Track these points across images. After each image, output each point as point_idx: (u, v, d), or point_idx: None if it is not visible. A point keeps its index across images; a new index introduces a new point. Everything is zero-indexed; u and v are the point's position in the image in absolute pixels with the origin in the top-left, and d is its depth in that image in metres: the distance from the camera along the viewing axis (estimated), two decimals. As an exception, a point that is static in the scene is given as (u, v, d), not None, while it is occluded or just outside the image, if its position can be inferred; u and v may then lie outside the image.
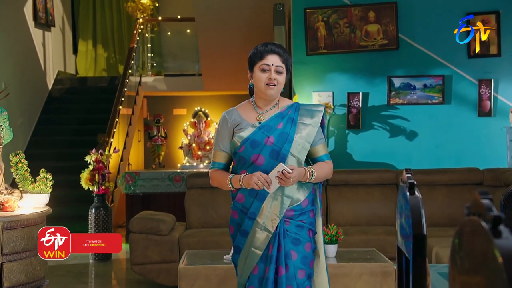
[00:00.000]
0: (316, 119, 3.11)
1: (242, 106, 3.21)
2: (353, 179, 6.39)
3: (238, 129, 3.12)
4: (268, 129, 3.08)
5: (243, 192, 3.09)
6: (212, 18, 9.73)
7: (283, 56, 3.10)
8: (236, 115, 3.16)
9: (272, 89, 3.08)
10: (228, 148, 3.16)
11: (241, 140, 3.09)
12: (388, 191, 6.32)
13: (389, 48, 7.45)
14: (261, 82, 3.08)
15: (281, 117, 3.11)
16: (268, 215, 3.03)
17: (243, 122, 3.13)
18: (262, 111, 3.15)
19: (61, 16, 12.42)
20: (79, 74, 13.01)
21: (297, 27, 7.67)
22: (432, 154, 7.52)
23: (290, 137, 3.05)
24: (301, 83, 7.62)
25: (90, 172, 7.03)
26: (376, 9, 7.48)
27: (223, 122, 3.17)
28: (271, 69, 3.06)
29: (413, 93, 7.45)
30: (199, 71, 11.85)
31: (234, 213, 3.16)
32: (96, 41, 13.25)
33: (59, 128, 10.89)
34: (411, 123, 7.54)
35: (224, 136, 3.15)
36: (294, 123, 3.09)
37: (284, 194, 3.03)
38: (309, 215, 3.11)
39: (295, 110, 3.13)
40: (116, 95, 9.82)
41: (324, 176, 3.11)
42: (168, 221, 5.96)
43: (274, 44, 3.14)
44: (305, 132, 3.08)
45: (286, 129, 3.07)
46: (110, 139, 8.96)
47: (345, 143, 7.61)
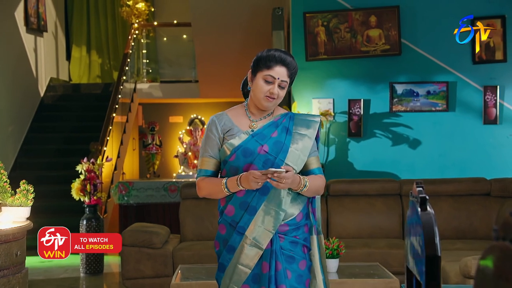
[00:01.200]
0: (312, 130, 3.00)
1: (233, 111, 3.06)
2: (355, 189, 6.32)
3: (228, 135, 2.97)
4: (262, 137, 2.95)
5: (233, 204, 2.93)
6: (209, 23, 9.70)
7: (291, 70, 2.96)
8: (227, 120, 3.01)
9: (271, 102, 2.95)
10: (217, 155, 3.00)
11: (232, 148, 2.94)
12: (391, 201, 6.24)
13: (391, 53, 7.43)
14: (261, 93, 2.94)
15: (275, 125, 2.99)
16: (260, 230, 2.88)
17: (234, 128, 2.98)
18: (256, 119, 3.02)
19: (53, 21, 12.40)
20: (72, 81, 13.00)
21: (296, 32, 7.64)
22: (436, 163, 7.48)
23: (286, 146, 2.93)
24: (300, 89, 7.58)
25: (81, 182, 6.91)
26: (378, 13, 7.46)
27: (212, 126, 3.01)
28: (275, 83, 2.92)
29: (416, 100, 7.43)
30: (196, 78, 11.84)
31: (221, 228, 3.00)
32: (90, 47, 13.24)
33: (51, 136, 10.83)
34: (414, 131, 7.50)
35: (213, 142, 2.99)
36: (289, 132, 2.96)
37: (278, 207, 2.90)
38: (304, 230, 2.97)
39: (290, 120, 3.01)
40: (109, 102, 9.76)
41: (315, 190, 2.96)
42: (161, 234, 5.85)
43: (285, 53, 2.97)
44: (302, 144, 2.96)
45: (281, 138, 2.95)
46: (103, 147, 8.87)
47: (346, 151, 7.56)
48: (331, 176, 7.28)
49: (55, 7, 12.46)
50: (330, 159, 7.54)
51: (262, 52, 2.97)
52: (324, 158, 7.51)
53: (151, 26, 12.63)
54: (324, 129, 7.47)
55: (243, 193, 2.91)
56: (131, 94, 11.37)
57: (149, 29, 12.62)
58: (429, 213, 1.67)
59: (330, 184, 6.36)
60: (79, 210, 7.75)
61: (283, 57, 2.92)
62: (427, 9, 7.52)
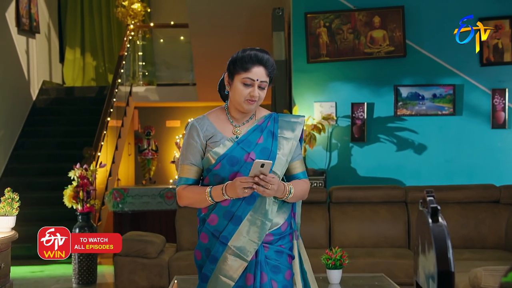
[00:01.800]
0: (297, 132, 2.96)
1: (214, 115, 2.97)
2: (358, 197, 6.28)
3: (212, 142, 2.90)
4: (248, 144, 2.88)
5: (217, 213, 2.86)
6: (206, 24, 9.68)
7: (270, 68, 2.88)
8: (209, 125, 2.93)
9: (252, 104, 2.87)
10: (199, 162, 2.91)
11: (217, 157, 2.86)
12: (396, 209, 6.19)
13: (396, 55, 7.42)
14: (241, 97, 2.85)
15: (260, 130, 2.92)
16: (245, 240, 2.83)
17: (218, 135, 2.90)
18: (238, 124, 2.95)
19: (46, 22, 12.36)
20: (65, 84, 12.97)
21: (297, 33, 7.63)
22: (442, 169, 7.46)
23: (273, 153, 2.87)
24: (301, 93, 7.56)
25: (74, 189, 6.85)
26: (382, 13, 7.44)
27: (192, 131, 2.93)
28: (255, 85, 2.85)
29: (422, 104, 7.42)
30: (193, 81, 11.81)
31: (203, 237, 2.92)
32: (84, 49, 13.23)
33: (43, 141, 10.79)
34: (420, 136, 7.48)
35: (195, 149, 2.90)
36: (275, 137, 2.91)
37: (264, 216, 2.84)
38: (289, 239, 2.94)
39: (274, 122, 2.95)
40: (104, 106, 9.71)
41: (300, 196, 2.93)
42: (157, 243, 5.78)
43: (261, 51, 2.89)
44: (287, 148, 2.91)
45: (268, 144, 2.89)
46: (97, 152, 8.82)
47: (349, 157, 7.54)
48: (333, 182, 7.28)
49: (48, 8, 12.42)
50: (333, 164, 7.52)
51: (237, 53, 2.90)
52: (326, 163, 7.49)
53: (147, 27, 12.62)
54: (326, 134, 7.45)
55: (228, 202, 2.85)
56: (127, 98, 11.33)
57: (145, 30, 12.62)
58: (441, 225, 1.59)
59: (332, 191, 6.33)
60: (71, 217, 7.68)
61: (260, 56, 2.85)
62: (433, 9, 7.50)
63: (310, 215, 6.13)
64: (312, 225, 6.09)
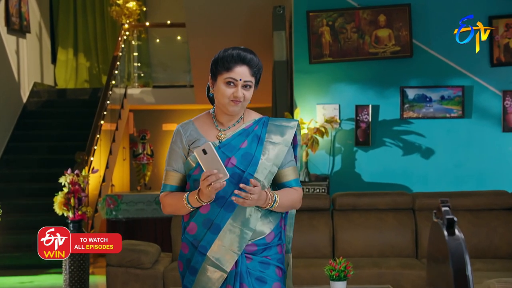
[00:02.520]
0: (287, 137, 2.92)
1: (200, 119, 2.98)
2: (363, 203, 6.21)
3: (194, 147, 2.89)
4: (230, 148, 2.86)
5: (196, 221, 2.85)
6: (204, 24, 9.68)
7: (254, 68, 2.86)
8: (193, 130, 2.94)
9: (237, 105, 2.85)
10: (182, 169, 2.93)
11: (197, 161, 2.84)
12: (403, 216, 6.12)
13: (402, 55, 7.42)
14: (224, 98, 2.84)
15: (245, 134, 2.90)
16: (223, 250, 2.80)
17: (201, 139, 2.90)
18: (224, 128, 2.93)
19: (37, 21, 12.33)
20: (58, 86, 12.95)
21: (299, 33, 7.63)
22: (451, 174, 7.46)
23: (255, 158, 2.84)
24: (303, 95, 7.57)
25: (65, 196, 6.78)
26: (387, 12, 7.44)
27: (176, 137, 2.95)
28: (238, 85, 2.83)
29: (429, 106, 7.44)
30: (191, 82, 11.83)
31: (184, 247, 2.91)
32: (77, 49, 13.20)
33: (34, 145, 10.73)
34: (427, 139, 7.48)
35: (177, 155, 2.92)
36: (260, 141, 2.88)
37: (244, 225, 2.80)
38: (276, 250, 2.90)
39: (263, 126, 2.92)
40: (97, 109, 9.69)
41: (289, 205, 2.89)
42: (151, 252, 5.70)
43: (244, 50, 2.88)
44: (273, 154, 2.87)
45: (251, 149, 2.86)
46: (90, 157, 8.78)
47: (353, 161, 7.54)
48: (337, 188, 7.25)
49: (39, 6, 12.37)
50: (336, 170, 7.51)
51: (218, 53, 2.90)
52: (329, 169, 7.48)
53: (142, 26, 12.61)
54: (330, 138, 7.44)
55: (207, 209, 2.83)
56: (121, 100, 11.30)
57: (140, 30, 12.60)
58: (458, 238, 1.49)
59: (336, 198, 6.27)
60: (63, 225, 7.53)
61: (242, 55, 2.84)
62: (440, 7, 7.49)
63: (313, 223, 6.07)
64: (315, 234, 6.03)
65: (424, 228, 5.98)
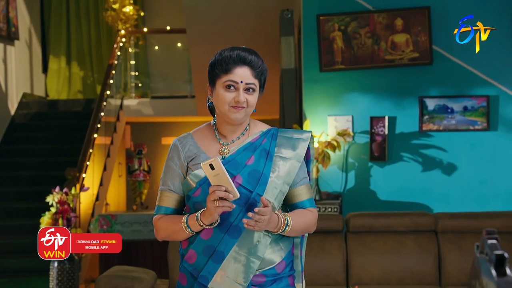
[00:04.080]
0: (299, 151, 2.80)
1: (200, 132, 2.86)
2: (380, 225, 6.14)
3: (193, 164, 2.76)
4: (235, 165, 2.72)
5: (196, 248, 2.72)
6: (206, 29, 9.70)
7: (257, 68, 2.73)
8: (192, 145, 2.81)
9: (239, 112, 2.71)
10: (179, 189, 2.79)
11: (198, 181, 2.72)
12: (424, 239, 6.03)
13: (421, 62, 7.37)
14: (225, 104, 2.71)
15: (252, 148, 2.76)
16: (228, 282, 2.66)
17: (201, 156, 2.77)
18: (227, 141, 2.80)
19: (27, 27, 12.40)
20: (49, 97, 13.06)
21: (308, 38, 7.58)
22: (475, 193, 7.37)
23: (264, 176, 2.71)
24: (313, 105, 7.51)
25: (52, 216, 6.75)
26: (405, 15, 7.38)
27: (173, 153, 2.82)
28: (240, 88, 2.70)
29: (451, 118, 7.38)
30: (192, 93, 11.88)
31: (181, 277, 2.80)
32: (70, 57, 13.31)
33: (23, 161, 10.74)
34: (449, 154, 7.40)
35: (174, 173, 2.80)
36: (269, 157, 2.75)
37: (251, 253, 2.67)
38: (288, 282, 2.78)
39: (272, 139, 2.79)
40: (90, 121, 9.66)
41: (303, 229, 2.79)
42: (145, 280, 5.60)
43: (244, 49, 2.76)
44: (284, 170, 2.74)
45: (259, 165, 2.73)
46: (82, 174, 8.69)
47: (368, 178, 7.47)
48: (350, 208, 7.17)
49: (29, 12, 12.45)
50: (349, 187, 7.43)
51: (215, 55, 2.79)
52: (342, 186, 7.41)
53: (140, 33, 12.64)
54: (342, 152, 7.38)
55: (208, 234, 2.70)
56: (117, 112, 11.32)
57: (138, 36, 12.65)
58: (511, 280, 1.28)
59: (349, 219, 6.18)
60: None
61: (242, 55, 2.72)
62: (463, 10, 7.36)
63: (324, 246, 5.97)
64: (327, 259, 5.93)
65: (448, 253, 5.88)
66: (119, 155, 11.48)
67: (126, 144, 12.17)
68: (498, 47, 7.14)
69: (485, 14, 7.29)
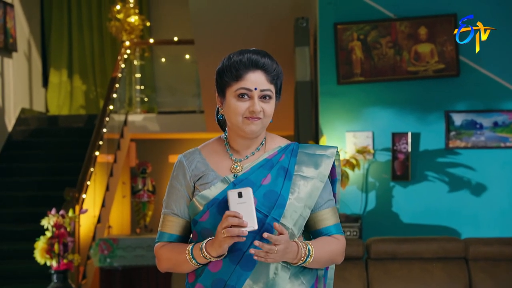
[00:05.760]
0: (322, 169, 2.62)
1: (209, 148, 2.67)
2: (404, 251, 6.04)
3: (201, 184, 2.58)
4: (248, 185, 2.51)
5: (203, 282, 2.53)
6: (215, 40, 9.68)
7: (271, 72, 2.55)
8: (200, 162, 2.63)
9: (255, 123, 2.53)
10: (185, 212, 2.61)
11: (206, 203, 2.53)
12: (454, 268, 5.91)
13: (447, 74, 7.33)
14: (238, 116, 2.53)
15: (268, 166, 2.57)
16: None
17: (210, 174, 2.59)
18: (240, 158, 2.61)
19: (26, 39, 12.40)
20: (49, 112, 13.05)
21: (325, 48, 7.57)
22: (507, 215, 7.32)
23: (282, 198, 2.53)
24: (330, 120, 7.49)
25: (48, 241, 6.67)
26: (429, 23, 7.34)
27: (178, 171, 2.65)
28: (254, 96, 2.51)
29: (480, 134, 7.34)
30: (201, 108, 11.85)
31: None
32: (72, 70, 13.27)
33: (20, 180, 10.65)
34: (478, 173, 7.35)
35: (178, 194, 2.63)
36: (288, 176, 2.57)
37: (267, 287, 2.49)
38: None
39: (291, 155, 2.61)
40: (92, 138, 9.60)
41: (328, 259, 2.58)
42: None
43: (256, 52, 2.57)
44: (306, 191, 2.56)
45: (276, 186, 2.54)
46: (82, 194, 8.60)
47: (390, 199, 7.41)
48: (371, 232, 7.11)
49: (28, 22, 12.45)
50: (369, 209, 7.38)
51: (222, 60, 2.59)
52: (361, 207, 7.36)
53: (146, 44, 12.66)
54: (362, 171, 7.34)
55: (218, 266, 2.50)
56: (121, 128, 11.29)
57: (143, 48, 12.67)
58: None
59: (371, 244, 6.08)
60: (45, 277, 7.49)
61: (254, 58, 2.53)
62: (492, 18, 7.35)
63: (344, 274, 5.87)
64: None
65: (480, 282, 5.78)
66: (123, 174, 11.45)
67: (131, 163, 12.18)
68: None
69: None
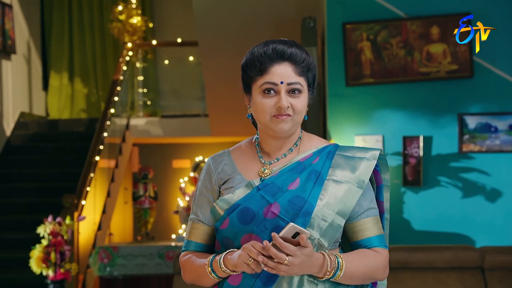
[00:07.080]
0: (360, 173, 2.40)
1: (239, 150, 2.50)
2: (417, 260, 5.93)
3: (226, 188, 2.42)
4: (273, 191, 2.34)
5: None
6: (220, 41, 9.64)
7: (301, 63, 2.36)
8: (227, 164, 2.47)
9: (284, 121, 2.35)
10: (210, 219, 2.45)
11: (226, 208, 2.36)
12: (469, 278, 5.81)
13: (460, 75, 7.26)
14: (265, 114, 2.36)
15: (299, 170, 2.37)
16: None
17: (236, 178, 2.42)
18: (271, 160, 2.42)
19: (26, 41, 12.41)
20: (50, 116, 13.08)
21: (333, 49, 7.52)
22: None
23: (309, 205, 2.31)
24: (339, 124, 7.44)
25: (44, 249, 6.59)
26: (442, 23, 7.26)
27: (205, 174, 2.50)
28: (281, 90, 2.33)
29: (495, 137, 7.25)
30: (205, 111, 11.81)
31: None
32: (73, 73, 13.30)
33: (19, 186, 10.63)
34: (493, 178, 7.23)
35: (205, 199, 2.49)
36: (319, 180, 2.36)
37: None
38: None
39: (327, 158, 2.40)
40: (92, 142, 9.61)
41: (365, 274, 2.36)
42: None
43: (282, 42, 2.38)
44: (338, 197, 2.34)
45: (304, 191, 2.34)
46: (81, 201, 8.58)
47: (401, 205, 7.32)
48: None
49: (27, 24, 12.46)
50: None
51: (246, 55, 2.41)
52: None
53: (149, 46, 12.66)
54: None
55: (237, 280, 2.33)
56: (123, 132, 11.30)
57: (146, 49, 12.69)
58: None
59: None
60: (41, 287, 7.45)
61: (280, 49, 2.35)
62: (507, 16, 7.30)
63: None
64: None
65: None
66: (125, 179, 11.42)
67: (133, 168, 12.14)
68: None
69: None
